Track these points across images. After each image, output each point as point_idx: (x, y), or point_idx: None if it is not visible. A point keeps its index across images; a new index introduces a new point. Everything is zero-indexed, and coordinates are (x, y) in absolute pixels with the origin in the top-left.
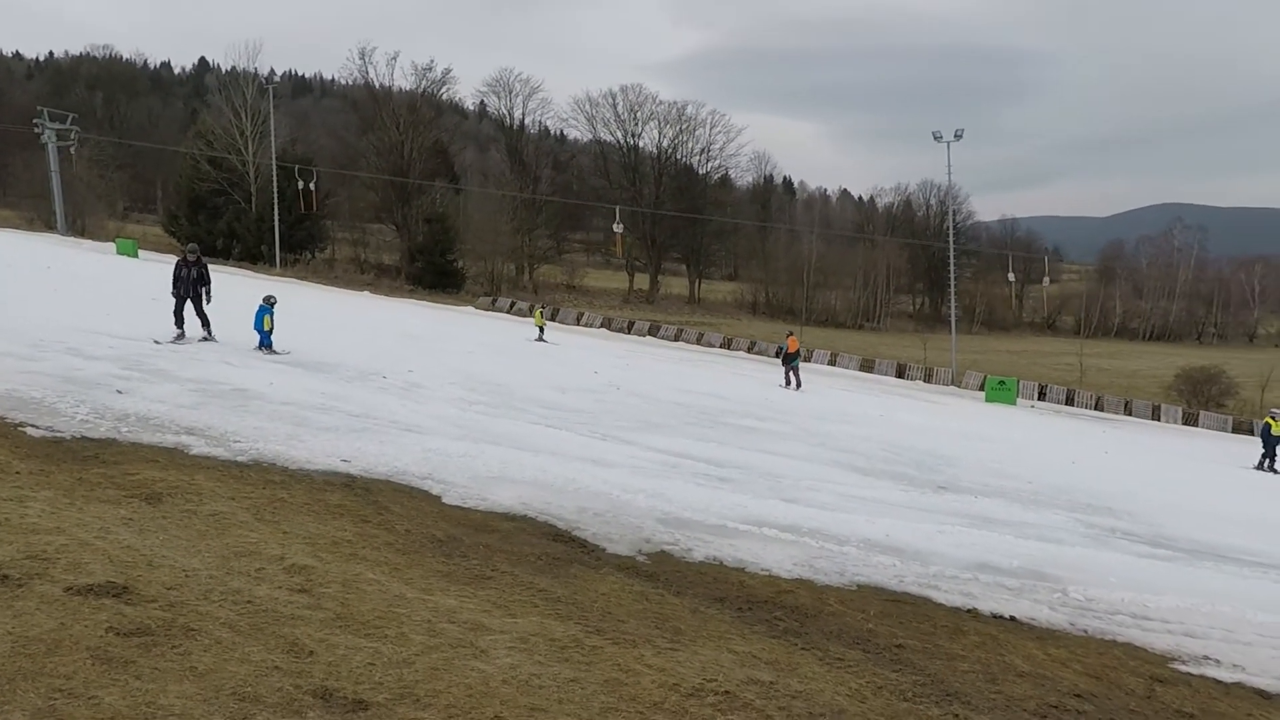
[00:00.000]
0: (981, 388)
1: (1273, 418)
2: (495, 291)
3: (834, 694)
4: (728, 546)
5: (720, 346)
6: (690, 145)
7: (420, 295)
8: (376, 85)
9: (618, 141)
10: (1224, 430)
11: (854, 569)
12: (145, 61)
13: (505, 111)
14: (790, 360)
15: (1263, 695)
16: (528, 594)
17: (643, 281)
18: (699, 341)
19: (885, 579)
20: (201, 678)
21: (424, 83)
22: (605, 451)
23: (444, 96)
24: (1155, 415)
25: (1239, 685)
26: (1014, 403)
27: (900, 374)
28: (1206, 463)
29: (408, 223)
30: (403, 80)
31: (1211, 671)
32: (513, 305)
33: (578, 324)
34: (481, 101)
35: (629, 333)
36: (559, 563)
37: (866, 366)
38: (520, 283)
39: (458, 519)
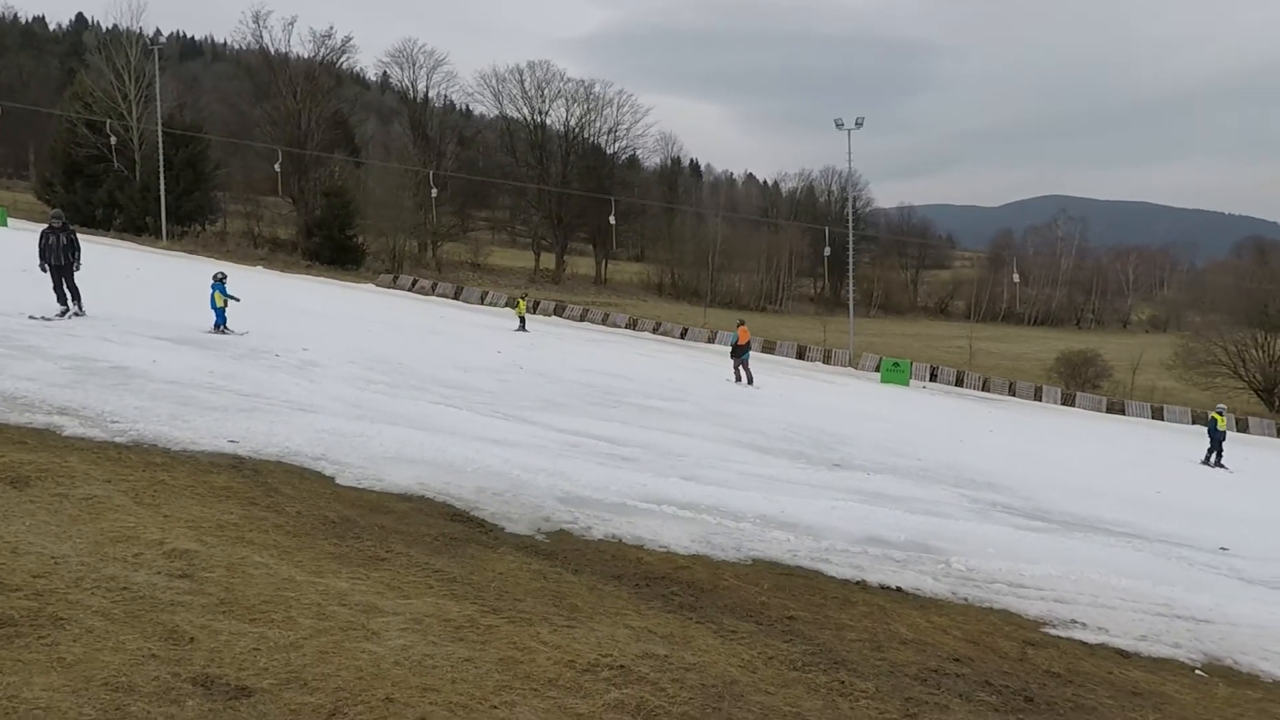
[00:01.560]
0: (877, 369)
1: (1219, 413)
2: (397, 269)
3: (727, 665)
4: (627, 524)
5: (626, 327)
6: (598, 124)
7: (318, 271)
8: (272, 51)
9: (525, 119)
10: (1099, 410)
11: (750, 544)
12: (15, 15)
13: (409, 84)
14: (741, 353)
15: (1122, 654)
16: (423, 575)
17: (549, 261)
18: (605, 322)
19: (780, 554)
20: (70, 668)
21: (323, 50)
22: (507, 431)
23: (344, 66)
24: (1037, 396)
25: (1102, 646)
26: (907, 384)
27: (800, 355)
28: (1088, 440)
29: (305, 196)
30: (300, 47)
31: (1079, 634)
32: (414, 283)
33: (482, 304)
34: (384, 73)
35: (534, 312)
36: (456, 543)
37: (768, 348)
38: (423, 260)
39: (352, 500)
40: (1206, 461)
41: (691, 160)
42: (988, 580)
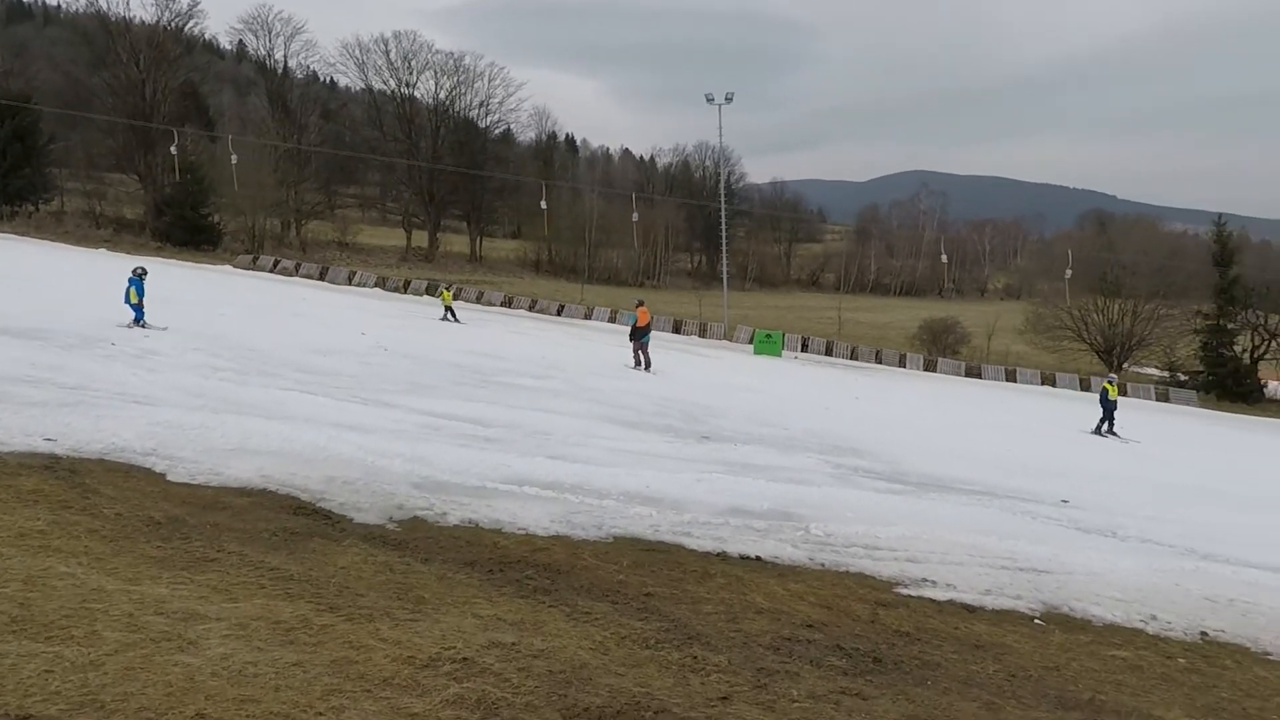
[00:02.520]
0: (751, 341)
1: (1110, 382)
2: (257, 249)
3: (577, 649)
4: (485, 508)
5: (501, 305)
6: (469, 98)
7: (169, 253)
8: (110, 15)
9: (391, 91)
10: (958, 375)
11: (611, 522)
12: None
13: (265, 53)
14: (640, 335)
15: (968, 609)
16: (255, 574)
17: (421, 239)
18: (479, 300)
19: (641, 529)
20: None
21: (167, 15)
22: (364, 416)
23: (193, 31)
24: (902, 363)
25: (950, 602)
26: (779, 355)
27: (677, 329)
28: (949, 401)
29: (153, 172)
30: (142, 11)
31: (929, 592)
32: (276, 264)
33: (350, 284)
34: (239, 41)
35: (405, 292)
36: (297, 537)
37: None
38: (286, 240)
39: (183, 498)
40: (1098, 431)
41: (567, 135)
42: (845, 544)
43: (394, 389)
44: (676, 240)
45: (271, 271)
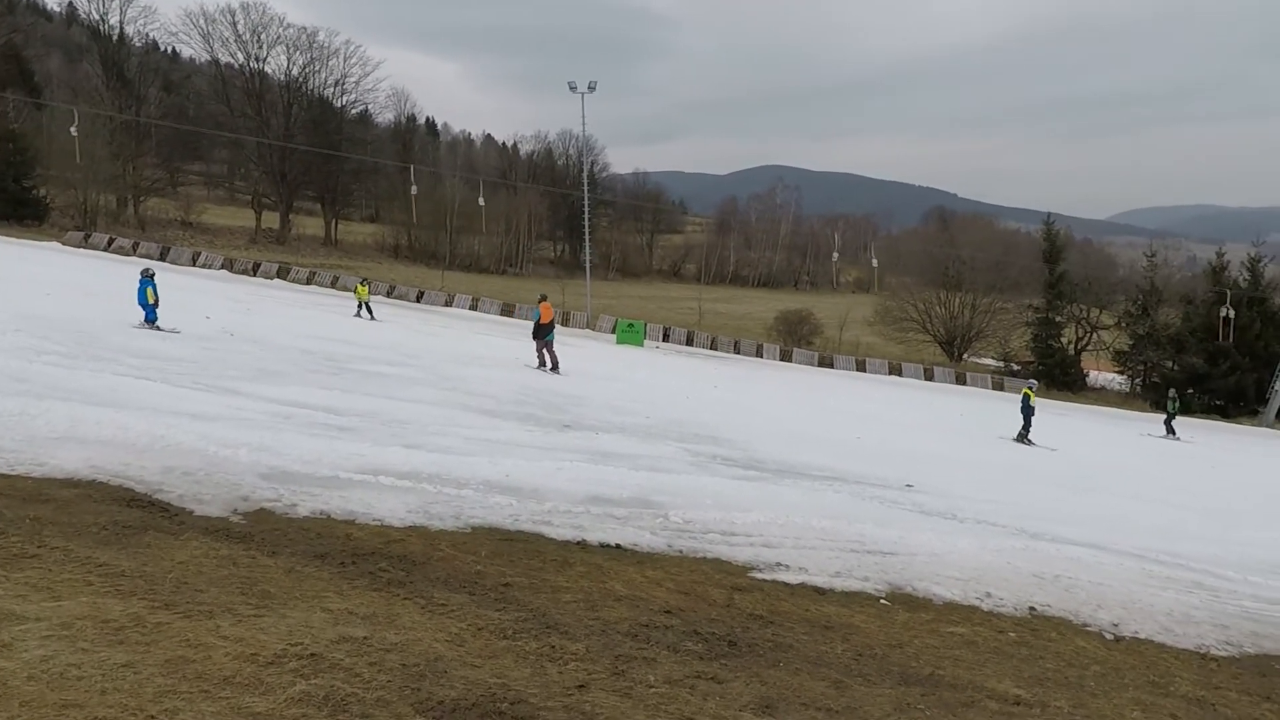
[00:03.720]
0: (614, 330)
1: (1030, 389)
2: (89, 226)
3: (432, 641)
4: (338, 498)
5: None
6: (323, 76)
7: None
8: None
9: (240, 65)
10: (812, 365)
11: (470, 511)
12: None
13: (99, 17)
14: (544, 334)
15: (819, 591)
16: (81, 571)
17: (272, 220)
18: (334, 285)
19: (501, 519)
20: None
21: None
22: (207, 404)
23: None
24: (759, 353)
25: (802, 585)
26: (641, 344)
27: None
28: (804, 390)
29: None
30: None
31: (782, 576)
32: (111, 243)
33: (194, 265)
34: (70, 3)
35: (254, 275)
36: (130, 531)
37: (508, 311)
38: (123, 217)
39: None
40: (1020, 439)
41: (428, 118)
42: (703, 531)
43: (240, 376)
44: (540, 228)
45: (106, 250)
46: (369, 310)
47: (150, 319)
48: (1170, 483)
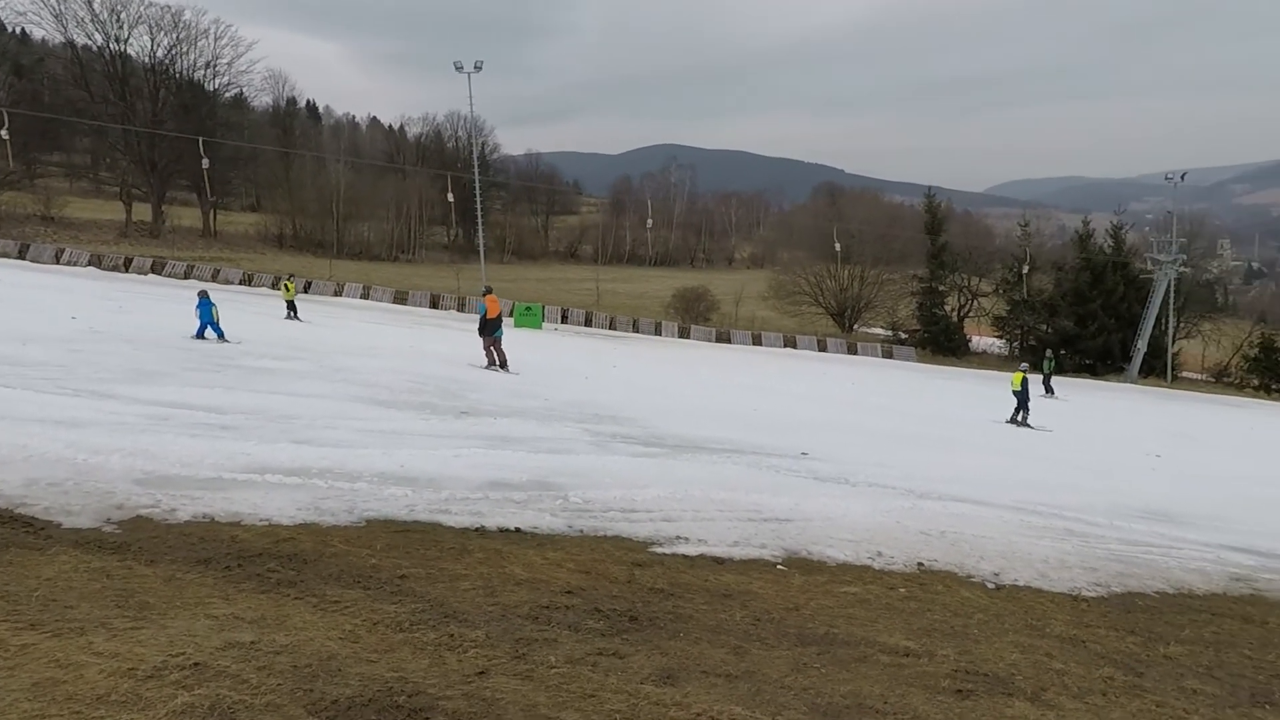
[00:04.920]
0: (511, 314)
1: (1021, 371)
2: None
3: (325, 640)
4: (222, 500)
5: (240, 283)
6: (192, 58)
7: None
8: None
9: (99, 48)
10: (710, 341)
11: (364, 505)
12: None
13: None
14: (492, 329)
15: (718, 561)
16: None
17: (144, 212)
18: (214, 278)
19: (396, 510)
20: None
21: None
22: (75, 409)
23: None
24: (658, 331)
25: (701, 556)
26: (540, 326)
27: (434, 305)
28: (702, 366)
29: None
30: None
31: (682, 549)
32: None
33: (58, 262)
34: None
35: (127, 270)
36: None
37: (400, 299)
38: None
39: None
40: (1022, 422)
41: (308, 101)
42: (603, 510)
43: (112, 378)
44: (432, 213)
45: None
46: (294, 311)
47: (219, 334)
48: (1046, 438)
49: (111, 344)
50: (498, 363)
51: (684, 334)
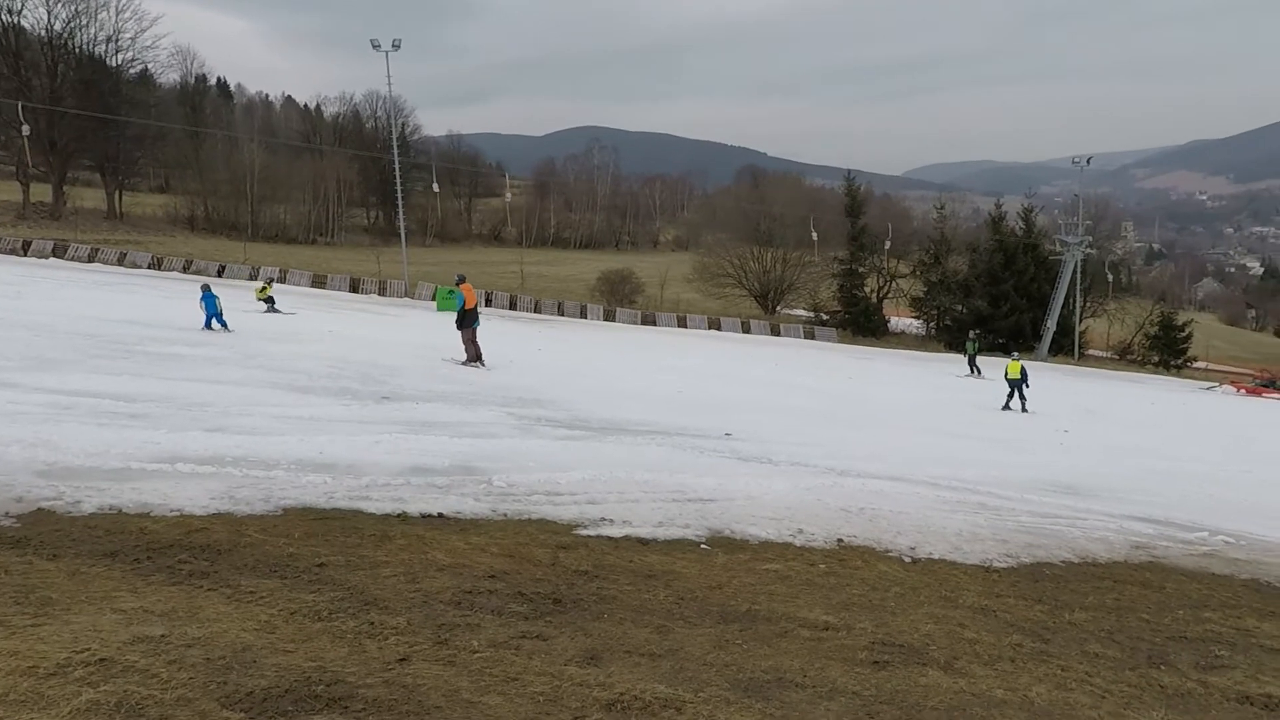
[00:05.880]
0: (434, 298)
1: (1014, 359)
2: None
3: (240, 631)
4: (130, 491)
5: (149, 267)
6: (93, 31)
7: None
8: None
9: None
10: (635, 323)
11: (281, 493)
12: None
13: None
14: (471, 321)
15: (642, 542)
16: None
17: (44, 193)
18: (121, 262)
19: (315, 498)
20: None
21: None
22: None
23: None
24: (583, 314)
25: (626, 537)
26: None
27: (354, 288)
28: (628, 348)
29: None
30: None
31: (606, 530)
32: None
33: None
34: None
35: (25, 254)
36: None
37: (319, 282)
38: None
39: None
40: (1007, 406)
41: (219, 79)
42: (527, 493)
43: (10, 365)
44: (351, 195)
45: None
46: (271, 303)
47: (223, 324)
48: (964, 416)
49: (8, 330)
50: (477, 357)
51: (609, 317)
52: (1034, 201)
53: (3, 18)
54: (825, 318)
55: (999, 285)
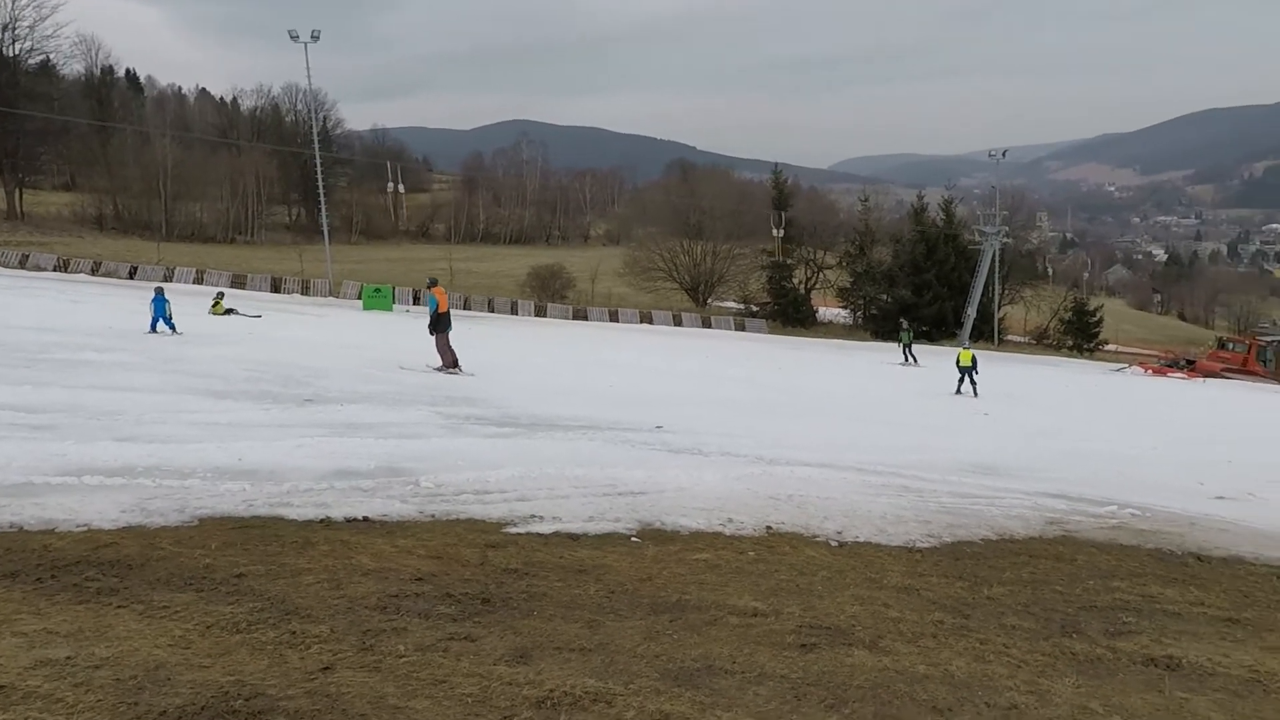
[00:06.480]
0: (360, 296)
1: (965, 348)
2: None
3: (152, 649)
4: (32, 507)
5: (55, 270)
6: None
7: None
8: None
9: None
10: (567, 318)
11: (197, 503)
12: None
13: None
14: (444, 325)
15: (573, 537)
16: None
17: None
18: (23, 264)
19: (233, 506)
20: None
21: None
22: None
23: None
24: (514, 310)
25: (556, 534)
26: (391, 309)
27: (276, 288)
28: (558, 344)
29: None
30: None
31: (536, 527)
32: None
33: None
34: None
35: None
36: None
37: (239, 282)
38: None
39: None
40: (959, 391)
41: (128, 70)
42: (456, 493)
43: None
44: (271, 191)
45: None
46: (233, 311)
47: (171, 326)
48: (890, 403)
49: None
50: (454, 361)
51: (541, 312)
52: (954, 193)
53: None
54: (755, 309)
55: (922, 275)
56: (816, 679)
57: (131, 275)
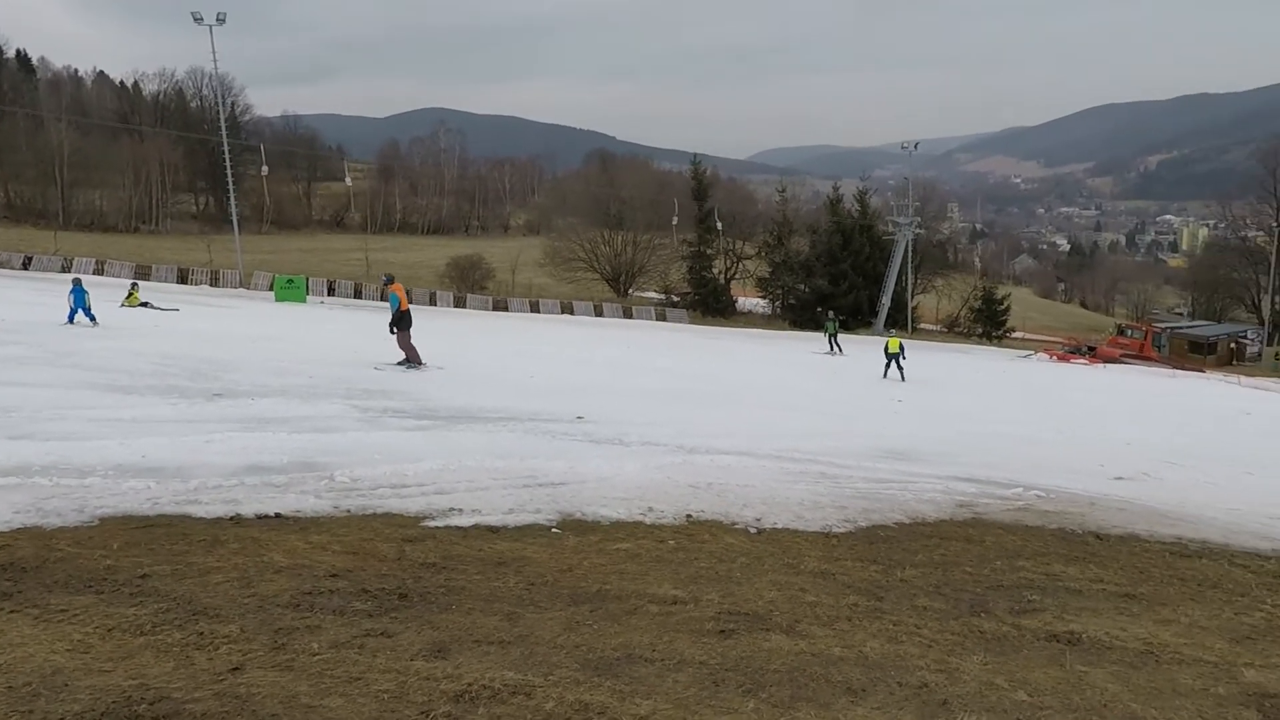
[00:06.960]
0: (272, 288)
1: (891, 336)
2: None
3: (49, 654)
4: None
5: None
6: None
7: None
8: None
9: None
10: (487, 309)
11: (98, 502)
12: None
13: None
14: (406, 323)
15: (492, 530)
16: None
17: None
18: None
19: (137, 505)
20: None
21: None
22: None
23: None
24: (433, 301)
25: (476, 526)
26: (304, 300)
27: (184, 279)
28: (478, 335)
29: None
30: None
31: (455, 520)
32: None
33: None
34: None
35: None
36: None
37: (144, 273)
38: None
39: None
40: (885, 375)
41: (19, 51)
42: (372, 487)
43: None
44: (176, 179)
45: None
46: (149, 305)
47: (90, 317)
48: (810, 390)
49: None
50: (406, 361)
51: (460, 303)
52: (868, 185)
53: None
54: (676, 299)
55: (838, 265)
56: (735, 664)
57: (26, 266)
